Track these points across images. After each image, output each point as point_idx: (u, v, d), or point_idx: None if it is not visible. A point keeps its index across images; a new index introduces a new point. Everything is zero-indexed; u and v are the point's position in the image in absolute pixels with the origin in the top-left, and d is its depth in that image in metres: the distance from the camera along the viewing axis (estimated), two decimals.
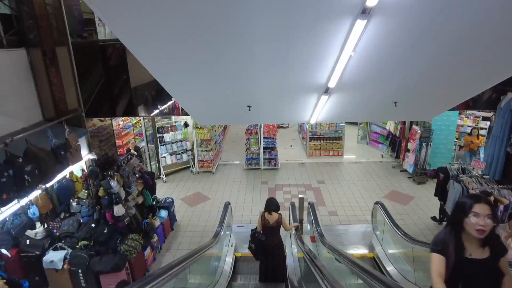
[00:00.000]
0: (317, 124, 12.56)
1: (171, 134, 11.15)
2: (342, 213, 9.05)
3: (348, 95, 4.46)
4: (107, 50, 7.54)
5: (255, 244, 5.96)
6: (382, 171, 11.71)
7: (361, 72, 3.63)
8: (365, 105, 5.07)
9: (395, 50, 3.10)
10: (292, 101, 4.61)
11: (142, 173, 7.75)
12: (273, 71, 3.62)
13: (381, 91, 4.37)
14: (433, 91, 4.61)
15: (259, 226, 5.96)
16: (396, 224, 6.49)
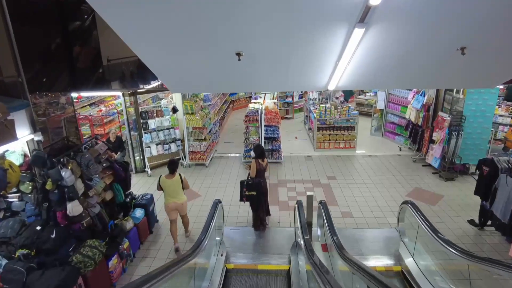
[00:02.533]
0: (326, 110, 10.96)
1: (156, 120, 9.61)
2: (358, 215, 7.48)
3: (392, 33, 2.89)
4: (68, 9, 6.03)
5: (256, 190, 6.55)
6: (402, 165, 10.12)
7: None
8: (412, 58, 3.45)
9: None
10: (305, 44, 3.04)
11: (112, 163, 6.22)
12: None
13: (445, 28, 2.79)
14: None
15: (253, 173, 6.60)
16: (436, 230, 4.92)
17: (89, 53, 6.47)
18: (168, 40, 3.11)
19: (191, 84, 3.75)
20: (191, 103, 9.62)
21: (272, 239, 6.62)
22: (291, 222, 7.07)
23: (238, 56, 2.90)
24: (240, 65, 3.02)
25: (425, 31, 2.89)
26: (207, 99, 11.02)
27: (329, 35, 2.77)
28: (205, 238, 4.75)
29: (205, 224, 5.18)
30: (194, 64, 3.49)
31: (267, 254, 6.17)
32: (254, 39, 2.83)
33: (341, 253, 4.29)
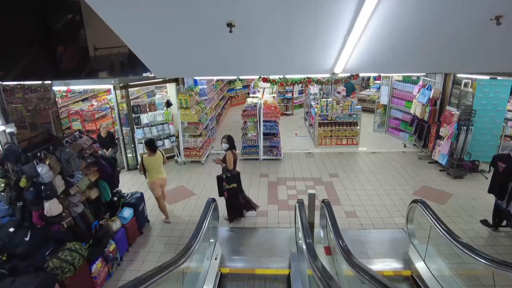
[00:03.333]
0: (328, 105, 10.47)
1: (149, 114, 9.12)
2: (363, 215, 7.01)
3: (412, 1, 2.40)
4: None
5: (237, 182, 6.59)
6: (407, 163, 9.65)
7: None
8: (435, 33, 2.93)
9: None
10: (309, 13, 2.55)
11: (97, 159, 5.74)
12: None
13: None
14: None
15: (231, 164, 6.40)
16: (451, 233, 4.46)
17: (73, 40, 5.98)
18: (146, 10, 2.64)
19: (177, 65, 3.28)
20: (186, 97, 9.14)
21: (271, 241, 6.15)
22: (291, 223, 6.60)
23: (230, 27, 2.43)
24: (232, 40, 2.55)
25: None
26: (203, 94, 10.53)
27: (338, 2, 2.29)
28: (195, 241, 4.26)
29: (197, 225, 4.70)
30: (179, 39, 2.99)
31: (266, 257, 5.69)
32: (247, 7, 2.35)
33: (348, 259, 3.81)
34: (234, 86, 16.83)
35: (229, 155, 6.43)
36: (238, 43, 2.67)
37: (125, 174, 9.29)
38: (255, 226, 6.66)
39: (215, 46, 2.84)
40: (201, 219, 4.89)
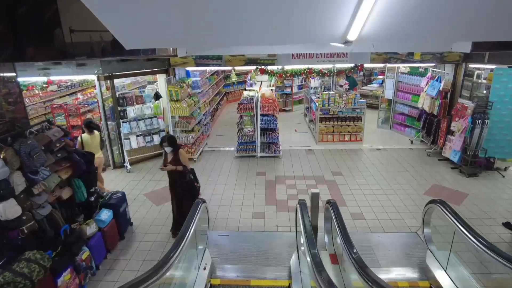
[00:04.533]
0: (330, 98, 9.77)
1: (136, 107, 8.39)
2: (370, 216, 6.31)
3: None
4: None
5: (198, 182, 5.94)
6: (415, 160, 8.96)
7: None
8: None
9: None
10: None
11: (70, 153, 5.01)
12: None
13: None
14: None
15: (187, 162, 5.66)
16: (480, 238, 3.77)
17: (45, 16, 5.24)
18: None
19: (150, 32, 2.58)
20: (176, 88, 8.42)
21: (268, 247, 5.44)
22: (291, 226, 5.91)
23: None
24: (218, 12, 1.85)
25: None
26: (196, 86, 9.82)
27: None
28: (177, 251, 3.54)
29: (182, 231, 3.98)
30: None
31: (262, 266, 4.98)
32: None
33: (365, 274, 3.10)
34: (230, 81, 16.13)
35: (182, 153, 5.56)
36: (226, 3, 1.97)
37: (111, 172, 8.57)
38: (251, 230, 5.95)
39: (196, 7, 2.13)
40: (187, 223, 4.17)
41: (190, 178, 5.61)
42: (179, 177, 5.54)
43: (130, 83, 10.61)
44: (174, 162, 5.45)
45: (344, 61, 8.83)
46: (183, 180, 5.54)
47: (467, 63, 8.70)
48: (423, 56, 8.79)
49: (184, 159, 5.52)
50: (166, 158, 5.56)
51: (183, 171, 5.50)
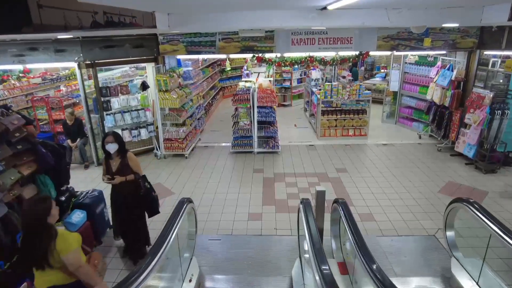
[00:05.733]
0: (333, 90, 9.05)
1: (121, 98, 7.66)
2: (381, 217, 5.61)
3: None
4: None
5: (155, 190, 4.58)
6: (425, 155, 8.27)
7: None
8: None
9: None
10: None
11: (34, 145, 4.28)
12: None
13: None
14: None
15: (140, 168, 4.42)
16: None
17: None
18: None
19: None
20: (165, 77, 7.69)
21: (266, 253, 4.72)
22: (292, 229, 5.20)
23: None
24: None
25: None
26: (188, 77, 9.09)
27: None
28: (153, 265, 2.82)
29: (158, 239, 3.25)
30: None
31: (260, 277, 4.27)
32: None
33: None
34: (226, 75, 15.42)
35: (132, 156, 4.35)
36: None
37: (95, 169, 7.85)
38: (246, 234, 5.23)
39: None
40: (167, 227, 3.45)
41: (146, 187, 4.35)
42: (131, 189, 4.27)
43: (120, 76, 9.85)
44: (122, 169, 4.20)
45: (348, 48, 8.12)
46: (137, 193, 4.27)
47: (482, 50, 8.00)
48: (433, 42, 8.09)
49: (135, 164, 4.31)
50: (110, 165, 4.23)
51: (135, 180, 4.26)
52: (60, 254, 2.69)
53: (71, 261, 2.73)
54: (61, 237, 2.75)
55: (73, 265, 2.75)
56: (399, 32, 8.02)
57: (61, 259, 2.71)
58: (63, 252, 2.70)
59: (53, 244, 2.69)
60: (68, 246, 2.74)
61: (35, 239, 2.69)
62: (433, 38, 8.03)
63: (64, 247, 2.72)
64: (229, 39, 7.99)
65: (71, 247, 2.76)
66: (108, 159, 4.28)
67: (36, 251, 2.68)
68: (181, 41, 8.07)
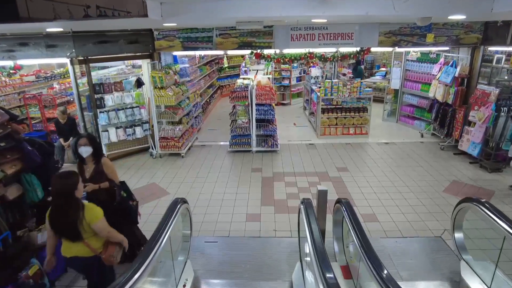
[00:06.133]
0: (333, 87, 8.84)
1: (115, 95, 7.43)
2: (384, 218, 5.39)
3: None
4: None
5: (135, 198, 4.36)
6: (428, 154, 8.06)
7: None
8: None
9: None
10: None
11: (19, 142, 4.04)
12: None
13: None
14: None
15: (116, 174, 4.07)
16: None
17: None
18: None
19: None
20: (160, 74, 7.45)
21: (265, 256, 4.49)
22: (292, 230, 4.98)
23: None
24: None
25: None
26: (184, 74, 8.85)
27: None
28: (141, 270, 2.59)
29: (149, 242, 3.02)
30: None
31: (258, 281, 4.05)
32: None
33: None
34: (224, 73, 15.21)
35: (108, 162, 3.98)
36: None
37: None
38: (244, 235, 5.00)
39: None
40: (159, 229, 3.21)
41: (122, 196, 3.99)
42: (105, 198, 3.85)
43: (116, 74, 9.60)
44: (96, 176, 3.83)
45: (349, 44, 7.89)
46: (112, 202, 3.88)
47: (486, 46, 7.80)
48: (436, 38, 7.87)
49: (111, 171, 3.93)
50: (83, 171, 3.85)
51: (109, 188, 3.90)
52: (90, 224, 2.99)
53: (100, 228, 3.06)
54: (88, 209, 3.02)
55: (103, 231, 3.09)
56: (401, 27, 7.81)
57: (91, 228, 3.01)
58: (93, 221, 3.00)
59: (82, 214, 2.96)
60: (96, 215, 3.04)
61: (67, 211, 2.95)
62: (436, 34, 7.81)
63: (93, 217, 3.01)
64: (226, 35, 7.76)
65: (99, 216, 3.06)
66: (82, 164, 3.88)
67: (68, 223, 2.94)
68: (177, 36, 7.83)
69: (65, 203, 2.95)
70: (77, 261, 3.14)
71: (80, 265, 3.22)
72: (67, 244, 3.08)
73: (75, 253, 3.09)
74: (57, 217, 2.99)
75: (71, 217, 2.92)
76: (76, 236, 2.98)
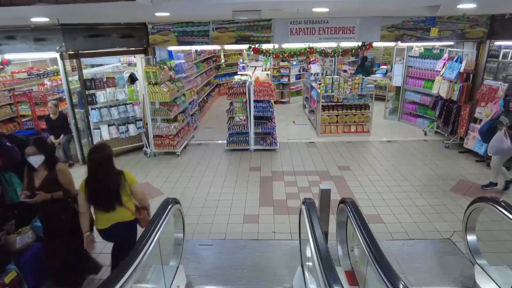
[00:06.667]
0: (334, 83, 8.55)
1: (107, 91, 7.12)
2: (389, 219, 5.11)
3: None
4: None
5: None
6: (432, 153, 7.78)
7: None
8: None
9: None
10: None
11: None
12: None
13: None
14: None
15: (73, 184, 3.60)
16: None
17: None
18: None
19: None
20: (154, 69, 7.15)
21: (263, 260, 4.20)
22: (292, 233, 4.69)
23: None
24: None
25: None
26: (180, 70, 8.54)
27: None
28: (125, 277, 2.29)
29: (136, 246, 2.72)
30: None
31: (256, 287, 3.75)
32: None
33: None
34: (222, 71, 14.92)
35: (64, 169, 3.55)
36: None
37: (80, 168, 7.29)
38: (241, 238, 4.71)
39: None
40: (147, 231, 2.92)
41: (75, 208, 3.52)
42: (56, 210, 3.49)
43: (110, 71, 9.27)
44: (48, 185, 3.41)
45: (350, 39, 7.61)
46: (60, 215, 3.51)
47: (492, 40, 7.53)
48: (441, 32, 7.60)
49: (67, 179, 3.51)
50: (32, 179, 3.43)
51: (64, 198, 3.50)
52: (130, 185, 3.25)
53: (138, 190, 3.34)
54: (126, 172, 3.27)
55: (139, 194, 3.36)
56: (405, 21, 7.53)
57: (131, 189, 3.26)
58: (133, 183, 3.28)
59: (123, 178, 3.20)
60: (134, 178, 3.32)
61: (110, 178, 3.16)
62: (441, 28, 7.54)
63: (132, 179, 3.29)
64: (223, 29, 7.47)
65: (136, 180, 3.34)
66: (31, 171, 3.44)
67: (110, 190, 3.15)
68: (172, 30, 7.54)
69: (106, 171, 3.14)
70: (118, 228, 3.25)
71: (122, 230, 3.30)
72: (103, 216, 3.22)
73: (117, 220, 3.23)
74: (99, 187, 3.13)
75: (114, 183, 3.13)
76: (118, 201, 3.18)
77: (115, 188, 3.15)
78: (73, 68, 7.08)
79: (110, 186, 3.14)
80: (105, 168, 3.16)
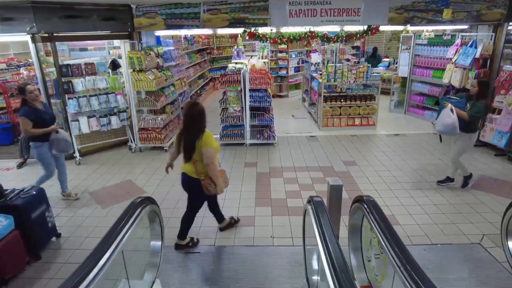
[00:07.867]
0: (337, 72, 7.85)
1: (86, 79, 6.38)
2: (407, 220, 4.42)
3: None
4: None
5: None
6: (445, 147, 7.01)
7: None
8: None
9: None
10: None
11: None
12: None
13: None
14: None
15: None
16: None
17: None
18: None
19: None
20: (139, 54, 6.43)
21: (259, 271, 3.49)
22: (294, 237, 3.98)
23: None
24: None
25: None
26: (169, 58, 7.81)
27: None
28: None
29: (85, 263, 2.02)
30: None
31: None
32: None
33: None
34: (217, 64, 14.20)
35: None
36: None
37: None
38: (233, 244, 4.00)
39: None
40: (104, 242, 2.20)
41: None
42: None
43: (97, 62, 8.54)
44: None
45: (355, 22, 6.93)
46: None
47: (511, 23, 6.86)
48: (455, 14, 6.92)
49: None
50: None
51: None
52: (202, 147, 3.33)
53: (207, 154, 3.36)
54: (206, 134, 3.39)
55: (207, 159, 3.37)
56: (415, 2, 6.85)
57: (202, 151, 3.34)
58: (205, 145, 3.34)
59: (201, 136, 3.35)
60: (210, 142, 3.38)
61: (192, 130, 3.38)
62: (455, 9, 6.86)
63: (207, 141, 3.35)
64: (215, 10, 6.76)
65: (213, 144, 3.40)
66: None
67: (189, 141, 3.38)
68: (159, 13, 6.82)
69: (192, 124, 3.38)
70: (184, 178, 3.60)
71: (186, 182, 3.62)
72: (184, 163, 3.55)
73: (184, 170, 3.56)
74: (184, 136, 3.43)
75: (193, 136, 3.35)
76: (189, 154, 3.42)
77: (191, 141, 3.37)
78: (47, 52, 6.33)
79: (189, 137, 3.39)
80: (192, 120, 3.38)
